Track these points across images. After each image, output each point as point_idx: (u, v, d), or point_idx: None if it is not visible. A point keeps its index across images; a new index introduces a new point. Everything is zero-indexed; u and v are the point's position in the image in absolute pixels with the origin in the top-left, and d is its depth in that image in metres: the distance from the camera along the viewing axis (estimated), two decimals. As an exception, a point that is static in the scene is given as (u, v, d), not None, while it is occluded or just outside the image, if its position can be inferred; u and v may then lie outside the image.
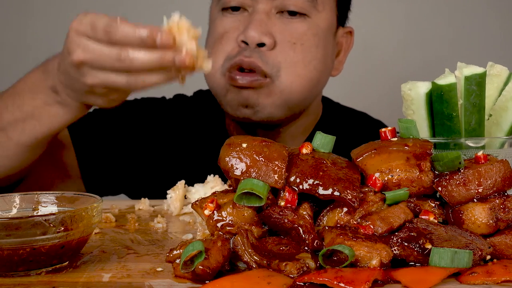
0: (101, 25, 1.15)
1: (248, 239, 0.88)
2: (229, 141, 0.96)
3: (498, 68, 1.16)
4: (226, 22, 1.57)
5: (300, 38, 1.54)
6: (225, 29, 1.57)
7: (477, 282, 0.83)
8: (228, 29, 1.56)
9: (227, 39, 1.55)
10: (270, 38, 1.51)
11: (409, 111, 1.15)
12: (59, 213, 0.91)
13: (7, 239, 0.87)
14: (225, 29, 1.57)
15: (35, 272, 0.90)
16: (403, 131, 1.02)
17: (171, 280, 0.86)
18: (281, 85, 1.52)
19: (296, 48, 1.53)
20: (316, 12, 1.57)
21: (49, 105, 1.29)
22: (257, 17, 1.51)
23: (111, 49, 1.13)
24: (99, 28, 1.15)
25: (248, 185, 0.90)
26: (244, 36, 1.50)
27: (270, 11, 1.53)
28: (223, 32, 1.57)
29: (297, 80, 1.54)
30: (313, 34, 1.56)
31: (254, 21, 1.50)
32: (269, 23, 1.52)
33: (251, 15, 1.54)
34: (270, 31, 1.51)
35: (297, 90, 1.55)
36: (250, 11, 1.55)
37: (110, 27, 1.14)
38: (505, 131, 1.14)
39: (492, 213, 0.92)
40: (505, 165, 0.95)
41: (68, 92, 1.24)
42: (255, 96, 1.52)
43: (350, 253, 0.85)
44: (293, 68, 1.53)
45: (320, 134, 1.00)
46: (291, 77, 1.53)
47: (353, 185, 0.93)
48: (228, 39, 1.55)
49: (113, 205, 1.41)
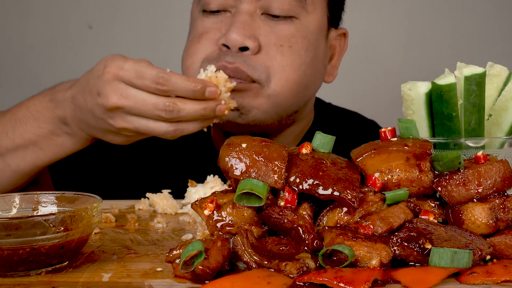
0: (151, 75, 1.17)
1: (248, 239, 0.88)
2: (229, 141, 0.96)
3: (498, 68, 1.16)
4: (206, 22, 1.47)
5: (288, 41, 1.43)
6: (205, 29, 1.47)
7: (477, 282, 0.83)
8: (208, 29, 1.46)
9: (207, 40, 1.45)
10: (254, 41, 1.40)
11: (409, 111, 1.15)
12: (59, 213, 0.91)
13: (7, 239, 0.87)
14: (205, 29, 1.47)
15: (35, 272, 0.90)
16: (403, 131, 1.02)
17: (171, 280, 0.87)
18: (269, 90, 1.42)
19: (283, 51, 1.42)
20: (305, 14, 1.46)
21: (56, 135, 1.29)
22: (240, 18, 1.40)
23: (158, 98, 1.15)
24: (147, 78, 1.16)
25: (247, 185, 0.90)
26: (226, 39, 1.40)
27: (254, 12, 1.43)
28: (203, 32, 1.47)
29: (286, 86, 1.43)
30: (302, 37, 1.45)
31: (236, 23, 1.39)
32: (253, 25, 1.42)
33: (233, 16, 1.43)
34: (254, 34, 1.41)
35: (285, 96, 1.45)
36: (233, 12, 1.44)
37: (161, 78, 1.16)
38: (505, 131, 1.14)
39: (492, 213, 0.92)
40: (505, 165, 0.95)
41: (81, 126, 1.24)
42: (240, 98, 1.40)
43: (350, 253, 0.85)
44: (282, 73, 1.42)
45: (319, 134, 1.00)
46: (280, 82, 1.42)
47: (353, 185, 0.93)
48: (208, 40, 1.45)
49: (113, 205, 1.41)
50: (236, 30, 1.38)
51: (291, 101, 1.47)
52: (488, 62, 1.17)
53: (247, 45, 1.40)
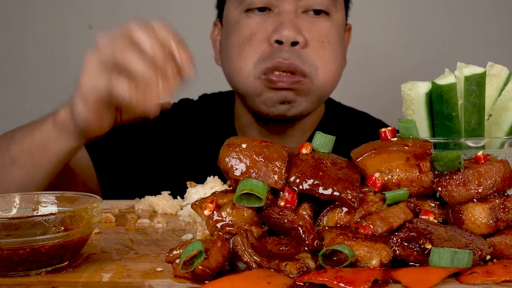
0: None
1: (248, 239, 0.88)
2: (229, 141, 0.96)
3: (498, 68, 1.16)
4: (252, 23, 1.60)
5: (327, 37, 1.61)
6: (252, 31, 1.59)
7: (477, 282, 0.83)
8: (256, 30, 1.59)
9: (257, 41, 1.58)
10: (302, 37, 1.56)
11: (409, 111, 1.15)
12: (59, 213, 0.91)
13: (7, 239, 0.87)
14: (252, 30, 1.60)
15: (35, 272, 0.90)
16: (403, 131, 1.02)
17: (171, 280, 0.87)
18: (318, 83, 1.59)
19: (325, 46, 1.60)
20: (336, 11, 1.64)
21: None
22: (288, 17, 1.56)
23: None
24: None
25: (247, 185, 0.90)
26: (279, 35, 1.54)
27: (296, 11, 1.58)
28: (251, 33, 1.60)
29: (330, 77, 1.62)
30: (336, 32, 1.63)
31: (287, 21, 1.55)
32: (298, 22, 1.57)
33: (278, 16, 1.58)
34: (301, 31, 1.57)
35: (330, 86, 1.64)
36: (276, 11, 1.59)
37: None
38: (505, 131, 1.14)
39: (492, 213, 0.92)
40: (505, 165, 0.95)
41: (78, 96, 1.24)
42: (292, 95, 1.58)
43: (350, 253, 0.85)
44: (326, 66, 1.60)
45: (319, 134, 1.00)
46: (326, 74, 1.60)
47: (353, 185, 0.93)
48: (258, 40, 1.58)
49: (113, 205, 1.41)
50: (287, 27, 1.54)
51: (331, 90, 1.67)
52: (488, 62, 1.17)
53: (298, 40, 1.55)
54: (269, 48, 1.57)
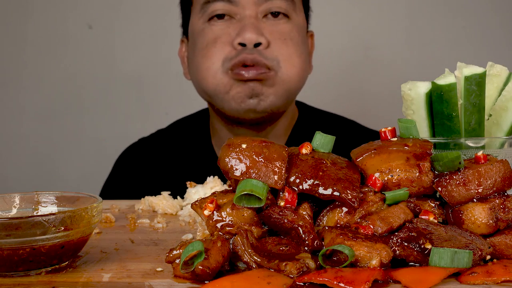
0: None
1: (248, 239, 0.88)
2: (229, 141, 0.96)
3: (498, 68, 1.16)
4: (215, 29, 1.68)
5: (288, 35, 1.69)
6: (216, 35, 1.68)
7: (477, 282, 0.83)
8: (220, 34, 1.68)
9: (221, 43, 1.67)
10: (265, 38, 1.65)
11: (409, 111, 1.15)
12: (59, 213, 0.91)
13: (7, 239, 0.87)
14: (216, 35, 1.68)
15: (35, 272, 0.90)
16: (403, 131, 1.02)
17: (171, 280, 0.87)
18: (282, 75, 1.67)
19: (287, 43, 1.68)
20: (296, 14, 1.73)
21: None
22: (250, 21, 1.65)
23: None
24: None
25: (247, 186, 0.90)
26: (242, 38, 1.63)
27: (256, 16, 1.67)
28: (215, 37, 1.68)
29: (294, 70, 1.69)
30: (297, 32, 1.72)
31: (248, 25, 1.64)
32: (259, 26, 1.66)
33: (240, 21, 1.67)
34: (262, 32, 1.66)
35: (295, 79, 1.70)
36: (238, 18, 1.68)
37: None
38: (505, 131, 1.14)
39: (492, 213, 0.92)
40: (505, 165, 0.95)
41: None
42: (259, 87, 1.65)
43: (350, 253, 0.85)
44: (289, 60, 1.68)
45: (319, 134, 1.00)
46: (289, 68, 1.68)
47: (353, 185, 0.93)
48: (222, 43, 1.67)
49: (113, 205, 1.41)
50: (250, 30, 1.63)
51: (297, 85, 1.73)
52: (488, 62, 1.17)
53: (260, 41, 1.64)
54: (233, 50, 1.65)
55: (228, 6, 1.67)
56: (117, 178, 1.93)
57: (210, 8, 1.68)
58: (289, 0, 1.70)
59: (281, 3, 1.68)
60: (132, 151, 1.97)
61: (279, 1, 1.68)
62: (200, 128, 1.92)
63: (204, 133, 1.90)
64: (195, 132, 1.92)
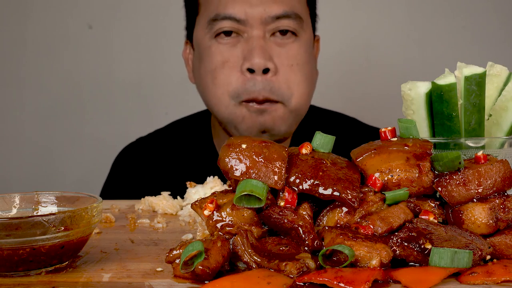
0: None
1: (247, 240, 0.88)
2: (229, 141, 0.96)
3: (498, 68, 1.16)
4: (223, 50, 1.67)
5: (295, 59, 1.68)
6: (224, 58, 1.66)
7: (477, 282, 0.83)
8: (227, 57, 1.66)
9: (229, 68, 1.65)
10: (273, 63, 1.64)
11: (409, 111, 1.14)
12: (59, 213, 0.91)
13: (7, 239, 0.87)
14: (224, 57, 1.66)
15: (35, 272, 0.90)
16: (403, 131, 1.02)
17: (171, 280, 0.87)
18: (291, 107, 1.67)
19: (294, 69, 1.67)
20: (303, 32, 1.71)
21: None
22: (257, 43, 1.63)
23: None
24: None
25: (247, 186, 0.90)
26: (251, 64, 1.61)
27: (264, 36, 1.65)
28: (223, 60, 1.66)
29: (303, 98, 1.69)
30: (305, 52, 1.71)
31: (257, 48, 1.62)
32: (267, 48, 1.64)
33: (248, 42, 1.65)
34: (270, 56, 1.64)
35: (304, 107, 1.72)
36: (245, 36, 1.66)
37: None
38: (505, 131, 1.14)
39: (492, 213, 0.92)
40: (505, 165, 0.95)
41: None
42: (271, 122, 1.66)
43: (350, 253, 0.85)
44: (298, 89, 1.67)
45: (319, 134, 1.00)
46: (298, 97, 1.68)
47: (353, 185, 0.93)
48: (230, 68, 1.65)
49: (113, 205, 1.41)
50: (257, 55, 1.61)
51: (306, 108, 1.74)
52: (488, 62, 1.17)
53: (268, 66, 1.62)
54: (242, 77, 1.64)
55: (236, 24, 1.65)
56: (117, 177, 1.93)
57: (217, 26, 1.66)
58: (297, 19, 1.68)
59: (289, 22, 1.67)
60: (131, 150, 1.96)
61: (287, 20, 1.66)
62: (201, 128, 1.91)
63: (205, 133, 1.90)
64: (196, 132, 1.92)
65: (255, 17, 1.63)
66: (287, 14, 1.65)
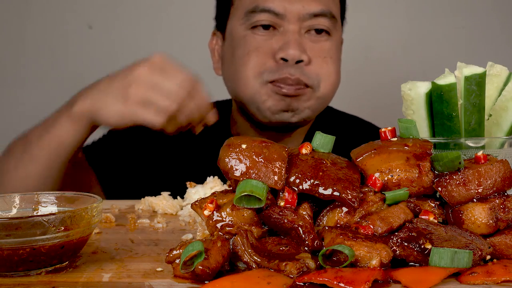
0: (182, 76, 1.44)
1: (247, 240, 0.88)
2: (229, 141, 0.96)
3: (498, 68, 1.16)
4: (258, 38, 1.70)
5: (328, 53, 1.73)
6: (258, 44, 1.70)
7: (477, 282, 0.83)
8: (262, 44, 1.69)
9: (263, 53, 1.69)
10: (306, 55, 1.68)
11: (409, 111, 1.15)
12: (59, 213, 0.91)
13: (7, 239, 0.87)
14: (258, 44, 1.70)
15: (35, 272, 0.90)
16: (403, 131, 1.02)
17: (171, 280, 0.87)
18: (319, 93, 1.72)
19: (327, 61, 1.73)
20: (336, 31, 1.76)
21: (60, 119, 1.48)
22: (293, 37, 1.67)
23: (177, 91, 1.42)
24: None
25: (247, 187, 0.90)
26: (286, 54, 1.65)
27: (299, 31, 1.69)
28: (257, 46, 1.70)
29: (331, 87, 1.75)
30: (336, 49, 1.77)
31: (292, 40, 1.67)
32: (302, 42, 1.69)
33: (283, 35, 1.69)
34: (305, 49, 1.68)
35: (331, 95, 1.77)
36: (281, 30, 1.69)
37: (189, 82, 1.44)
38: (505, 131, 1.14)
39: (492, 213, 0.92)
40: (505, 165, 0.95)
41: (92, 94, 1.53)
42: (296, 102, 1.69)
43: (350, 253, 0.85)
44: (328, 79, 1.73)
45: (319, 134, 1.00)
46: (327, 85, 1.73)
47: (353, 185, 0.93)
48: (264, 53, 1.69)
49: (113, 205, 1.41)
50: (293, 47, 1.66)
51: (331, 97, 1.80)
52: (488, 62, 1.17)
53: (302, 58, 1.67)
54: (274, 63, 1.67)
55: (274, 18, 1.68)
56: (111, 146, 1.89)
57: (254, 18, 1.70)
58: (332, 18, 1.72)
59: (325, 21, 1.71)
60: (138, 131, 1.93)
61: (323, 19, 1.71)
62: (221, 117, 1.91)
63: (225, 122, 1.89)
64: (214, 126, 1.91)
65: (293, 12, 1.67)
66: (323, 13, 1.70)
